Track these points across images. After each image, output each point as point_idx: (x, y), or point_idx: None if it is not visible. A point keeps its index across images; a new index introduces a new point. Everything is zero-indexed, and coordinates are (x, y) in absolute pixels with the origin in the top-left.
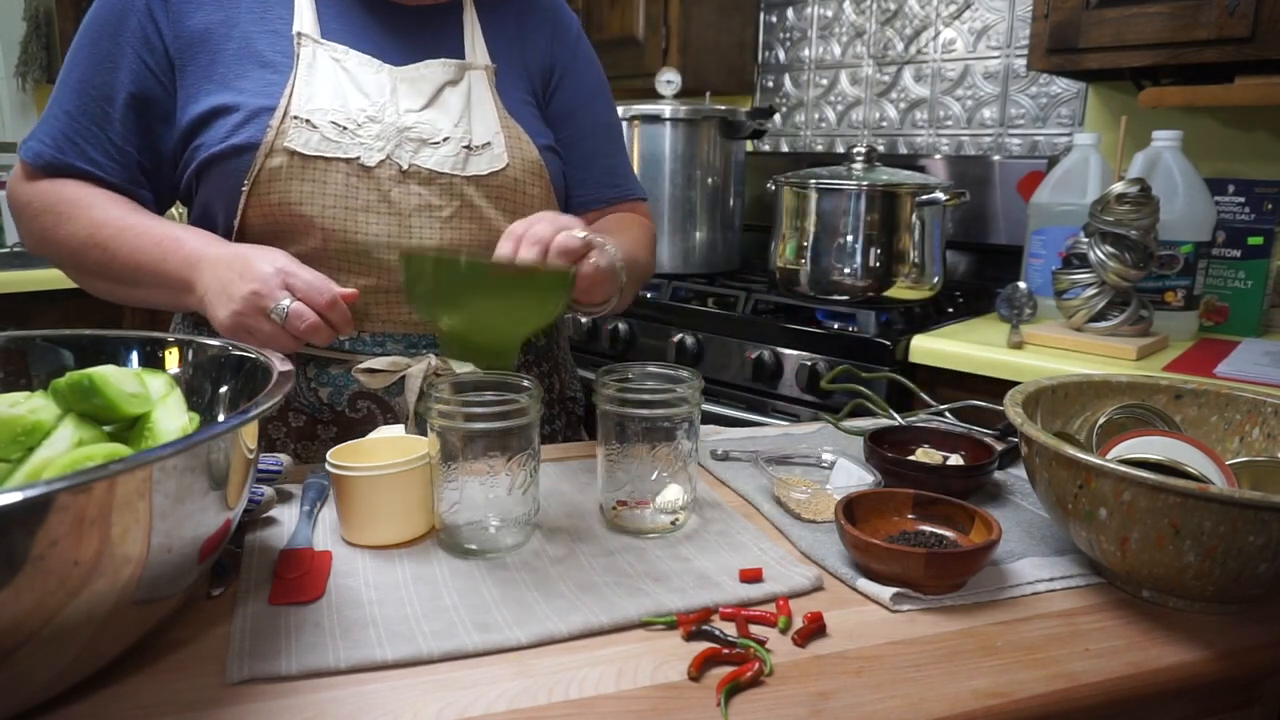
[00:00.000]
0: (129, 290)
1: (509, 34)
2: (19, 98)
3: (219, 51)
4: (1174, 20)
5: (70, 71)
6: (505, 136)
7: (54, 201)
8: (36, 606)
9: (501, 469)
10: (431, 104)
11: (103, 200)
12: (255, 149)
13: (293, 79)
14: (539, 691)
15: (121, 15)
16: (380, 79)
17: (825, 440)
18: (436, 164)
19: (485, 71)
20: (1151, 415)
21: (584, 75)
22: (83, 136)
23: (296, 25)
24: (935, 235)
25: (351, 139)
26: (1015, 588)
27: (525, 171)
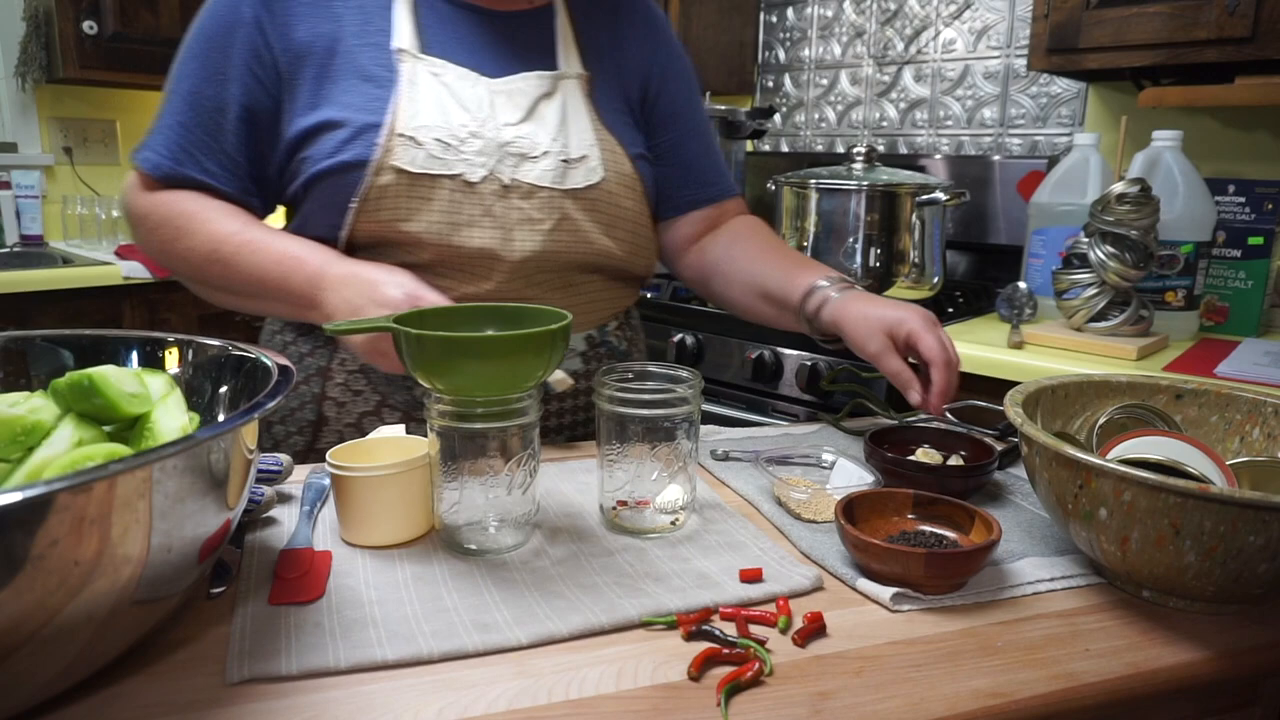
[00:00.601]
0: (248, 302)
1: (603, 40)
2: (19, 98)
3: (324, 65)
4: (1174, 20)
5: (180, 82)
6: (600, 149)
7: (173, 214)
8: (36, 606)
9: (501, 469)
10: (529, 117)
11: (220, 214)
12: (364, 166)
13: (396, 95)
14: (539, 691)
15: (231, 27)
16: (478, 92)
17: (825, 440)
18: (536, 178)
19: (579, 81)
20: (1152, 415)
21: (681, 77)
22: (197, 147)
23: (396, 40)
24: (935, 235)
25: (455, 155)
26: (1015, 588)
27: (620, 184)
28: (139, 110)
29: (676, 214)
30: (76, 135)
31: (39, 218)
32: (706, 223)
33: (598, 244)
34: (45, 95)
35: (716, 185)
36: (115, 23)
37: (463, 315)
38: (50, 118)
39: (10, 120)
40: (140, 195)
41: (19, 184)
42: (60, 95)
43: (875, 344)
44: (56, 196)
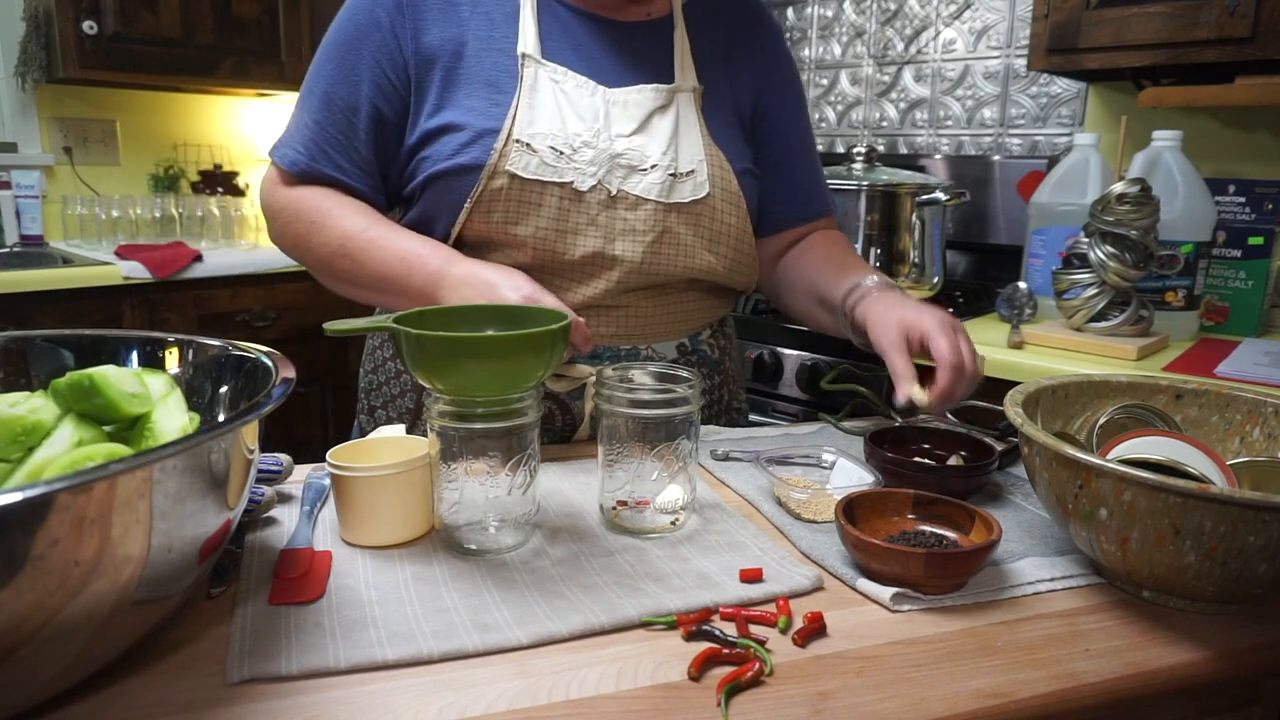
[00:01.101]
0: (373, 295)
1: (719, 53)
2: (19, 98)
3: (450, 69)
4: (1174, 20)
5: (317, 82)
6: (708, 164)
7: (307, 210)
8: (37, 606)
9: (501, 469)
10: (641, 129)
11: (350, 210)
12: (479, 170)
13: (516, 101)
14: (539, 691)
15: (366, 30)
16: (595, 102)
17: (825, 440)
18: (644, 190)
19: (693, 94)
20: (1152, 415)
21: (789, 92)
22: (332, 145)
23: (521, 45)
24: (935, 235)
25: (567, 163)
26: (1015, 588)
27: (724, 200)
28: (139, 110)
29: (772, 230)
30: (76, 135)
31: (39, 218)
32: (793, 239)
33: (698, 259)
34: (45, 95)
35: (812, 204)
36: (115, 23)
37: (463, 315)
38: (50, 118)
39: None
40: (278, 190)
41: (19, 184)
42: (60, 95)
43: (889, 339)
44: (56, 196)
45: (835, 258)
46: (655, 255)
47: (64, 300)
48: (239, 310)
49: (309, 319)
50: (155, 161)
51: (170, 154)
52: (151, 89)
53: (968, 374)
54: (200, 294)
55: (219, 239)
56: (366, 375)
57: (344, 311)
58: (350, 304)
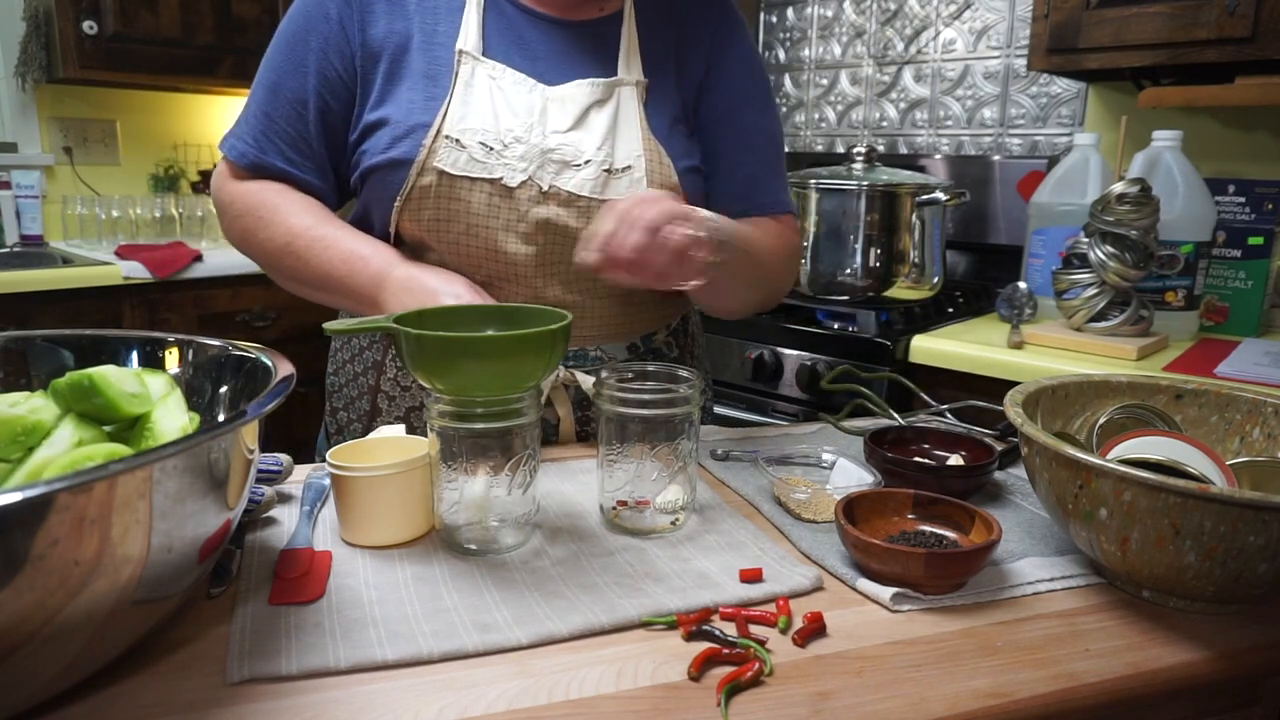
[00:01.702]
0: (318, 294)
1: (668, 45)
2: (19, 98)
3: (394, 63)
4: (1174, 20)
5: (266, 73)
6: (646, 160)
7: (254, 205)
8: (37, 606)
9: (501, 469)
10: (577, 125)
11: (298, 207)
12: (409, 165)
13: (449, 97)
14: (539, 691)
15: (315, 22)
16: (532, 99)
17: (825, 440)
18: (576, 186)
19: (636, 88)
20: (1152, 415)
21: (734, 80)
22: (280, 137)
23: (460, 42)
24: (935, 235)
25: (497, 159)
26: (1015, 588)
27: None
28: (139, 110)
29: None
30: (76, 135)
31: (39, 218)
32: None
33: None
34: (45, 95)
35: (756, 197)
36: (115, 23)
37: (463, 315)
38: (50, 118)
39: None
40: (227, 183)
41: (19, 184)
42: (60, 95)
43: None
44: (56, 196)
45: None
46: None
47: (64, 300)
48: (239, 310)
49: (309, 319)
50: (155, 161)
51: (170, 154)
52: (151, 89)
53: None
54: (200, 294)
55: (219, 239)
56: (330, 377)
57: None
58: None
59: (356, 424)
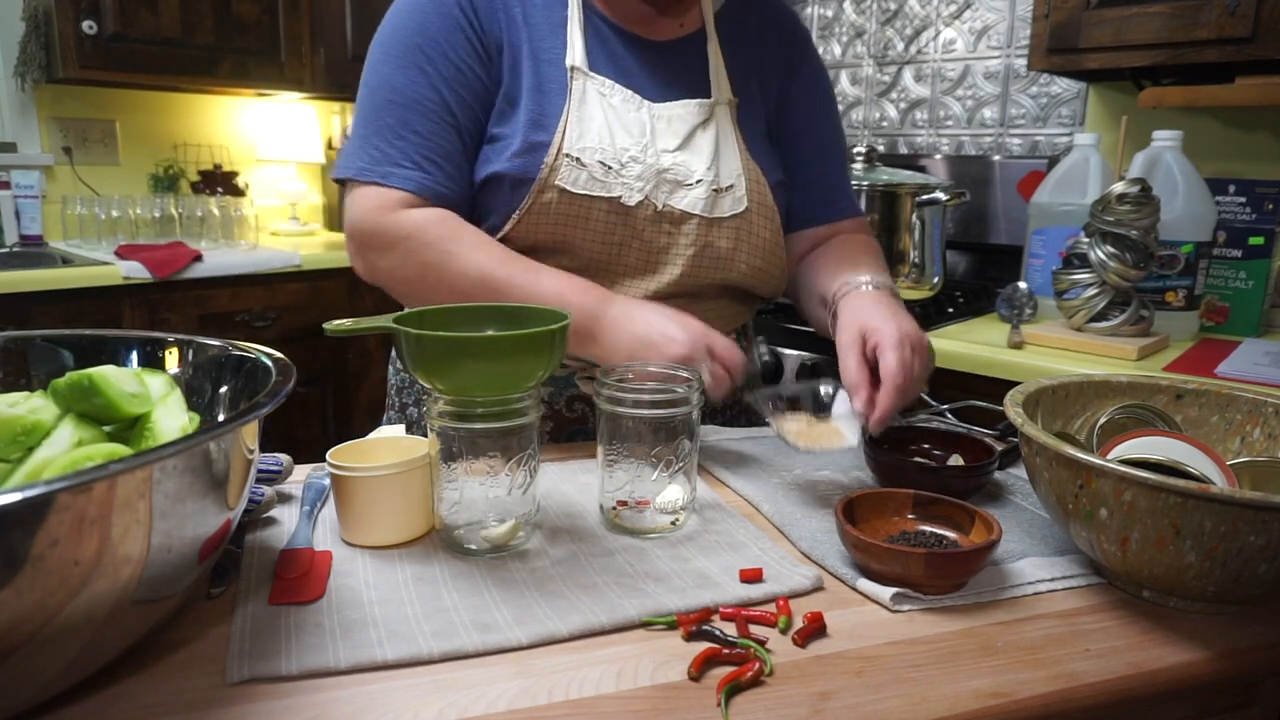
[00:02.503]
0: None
1: (749, 62)
2: (18, 98)
3: (510, 73)
4: (1174, 20)
5: (402, 91)
6: (746, 178)
7: (435, 238)
8: (37, 606)
9: (501, 469)
10: (685, 145)
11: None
12: (530, 183)
13: (565, 114)
14: (539, 691)
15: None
16: (640, 116)
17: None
18: (688, 205)
19: (729, 106)
20: (1152, 415)
21: (812, 94)
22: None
23: (570, 58)
24: (935, 235)
25: (615, 178)
26: (1015, 588)
27: (761, 215)
28: (139, 110)
29: (795, 230)
30: (76, 135)
31: (39, 218)
32: (816, 242)
33: (735, 272)
34: (45, 95)
35: (832, 206)
36: (115, 23)
37: (463, 315)
38: (50, 118)
39: (10, 120)
40: (393, 215)
41: (19, 184)
42: (60, 95)
43: (845, 339)
44: (56, 196)
45: (847, 257)
46: (697, 269)
47: (64, 300)
48: (239, 310)
49: (309, 319)
50: (155, 161)
51: (170, 154)
52: (151, 89)
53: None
54: (200, 294)
55: (219, 239)
56: (398, 374)
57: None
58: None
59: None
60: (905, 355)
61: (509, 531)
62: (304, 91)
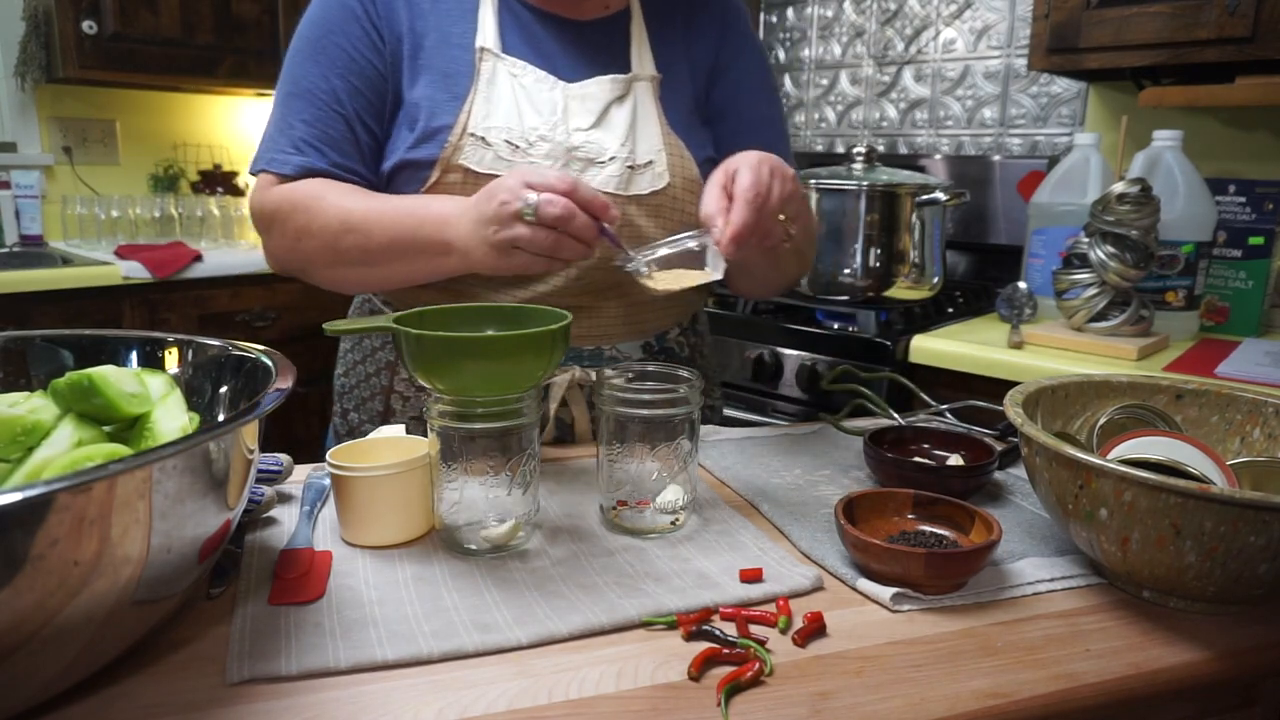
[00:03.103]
0: (386, 268)
1: (676, 39)
2: (18, 98)
3: (412, 61)
4: (1174, 20)
5: (297, 82)
6: (667, 154)
7: (302, 198)
8: (36, 606)
9: (501, 469)
10: (599, 122)
11: (345, 190)
12: (433, 165)
13: (472, 95)
14: (539, 691)
15: (340, 21)
16: (554, 96)
17: (824, 439)
18: (601, 184)
19: (650, 83)
20: (1152, 415)
21: (745, 70)
22: (324, 141)
23: (480, 40)
24: (935, 235)
25: (523, 158)
26: (1015, 588)
27: (684, 189)
28: (139, 110)
29: None
30: (76, 135)
31: (39, 218)
32: None
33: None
34: (45, 95)
35: None
36: (115, 23)
37: (463, 315)
38: (50, 118)
39: (10, 120)
40: (270, 192)
41: (19, 184)
42: (60, 95)
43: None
44: (56, 196)
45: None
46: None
47: (64, 300)
48: (239, 310)
49: (309, 319)
50: (155, 161)
51: (170, 154)
52: (151, 89)
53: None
54: (200, 294)
55: (219, 239)
56: (339, 378)
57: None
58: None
59: (369, 425)
60: (762, 174)
61: (509, 531)
62: None
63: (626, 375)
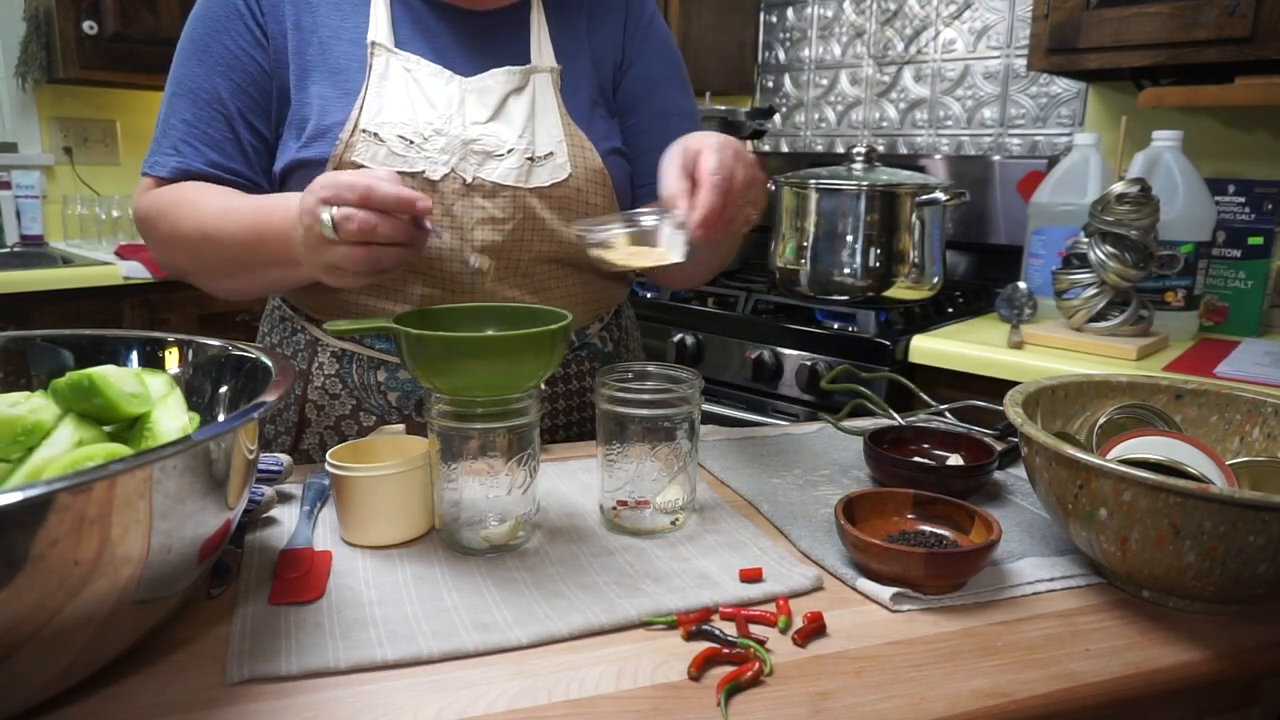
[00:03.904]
0: (249, 279)
1: (579, 30)
2: (19, 98)
3: (300, 57)
4: (1174, 20)
5: (180, 82)
6: (568, 145)
7: (168, 203)
8: (36, 606)
9: (501, 469)
10: (496, 115)
11: (210, 192)
12: (324, 164)
13: (364, 91)
14: (539, 691)
15: (225, 19)
16: (450, 90)
17: (824, 440)
18: (500, 177)
19: (550, 74)
20: (1151, 415)
21: (652, 60)
22: (204, 141)
23: (371, 34)
24: (935, 235)
25: (418, 153)
26: (1015, 588)
27: (588, 180)
28: (139, 110)
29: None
30: (76, 135)
31: (39, 218)
32: None
33: (564, 244)
34: (45, 95)
35: None
36: (115, 23)
37: (463, 315)
38: (50, 118)
39: (10, 120)
40: (144, 196)
41: (19, 184)
42: (60, 95)
43: (666, 157)
44: (56, 196)
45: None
46: (518, 241)
47: (64, 300)
48: (239, 310)
49: None
50: None
51: None
52: (152, 89)
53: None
54: (200, 294)
55: None
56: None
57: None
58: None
59: (285, 437)
60: (725, 157)
61: (509, 531)
62: None
63: (626, 375)
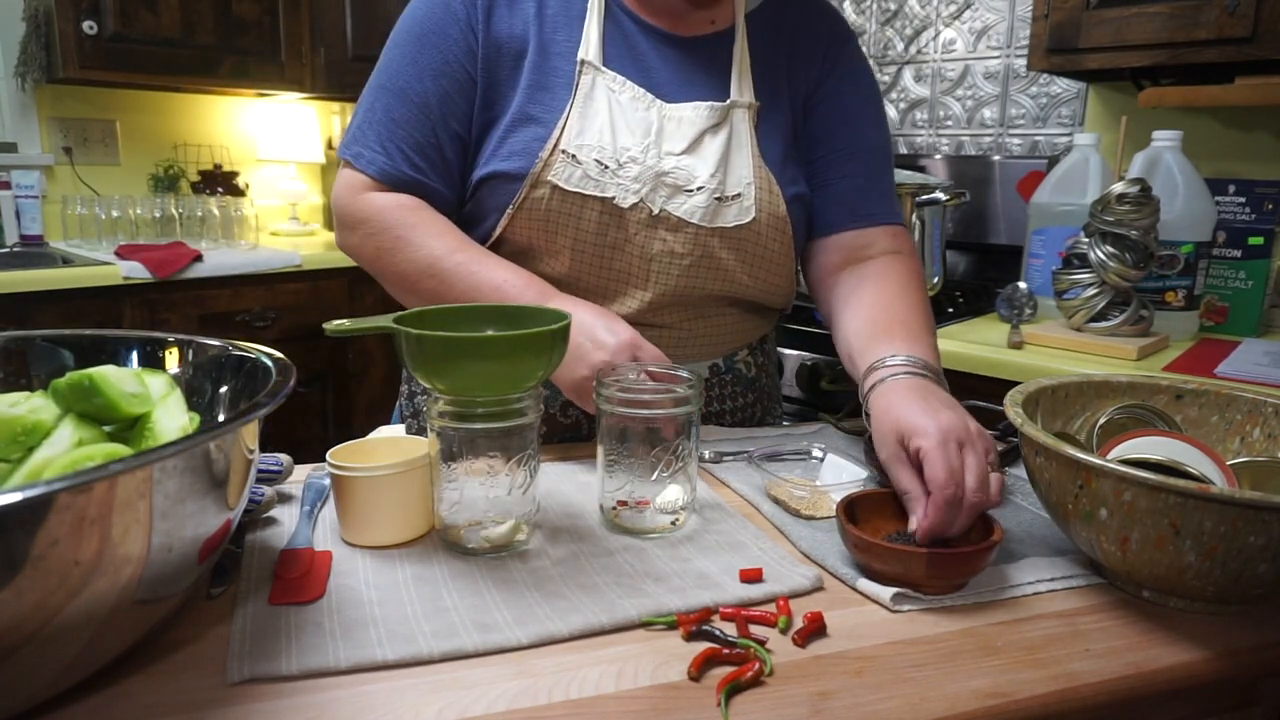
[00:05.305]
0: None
1: (779, 64)
2: (19, 98)
3: (512, 68)
4: (1174, 20)
5: (391, 77)
6: (756, 188)
7: (393, 223)
8: (37, 606)
9: (501, 469)
10: (691, 149)
11: (436, 229)
12: (523, 178)
13: (568, 110)
14: (539, 691)
15: (439, 22)
16: (649, 116)
17: (823, 439)
18: (686, 213)
19: (748, 110)
20: (1152, 415)
21: (841, 96)
22: (409, 144)
23: (582, 51)
24: (935, 235)
25: (611, 178)
26: (1015, 588)
27: (770, 226)
28: (139, 110)
29: (822, 234)
30: (76, 135)
31: (39, 218)
32: (848, 253)
33: (737, 284)
34: (45, 95)
35: (856, 211)
36: (115, 23)
37: (463, 315)
38: (50, 118)
39: (10, 120)
40: (359, 198)
41: (19, 184)
42: (60, 95)
43: (886, 451)
44: (56, 196)
45: (884, 304)
46: (692, 279)
47: (64, 300)
48: (239, 310)
49: (309, 319)
50: (155, 161)
51: (170, 154)
52: (151, 89)
53: (955, 502)
54: (200, 294)
55: (219, 239)
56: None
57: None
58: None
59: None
60: (951, 460)
61: (509, 531)
62: (304, 92)
63: (626, 375)
